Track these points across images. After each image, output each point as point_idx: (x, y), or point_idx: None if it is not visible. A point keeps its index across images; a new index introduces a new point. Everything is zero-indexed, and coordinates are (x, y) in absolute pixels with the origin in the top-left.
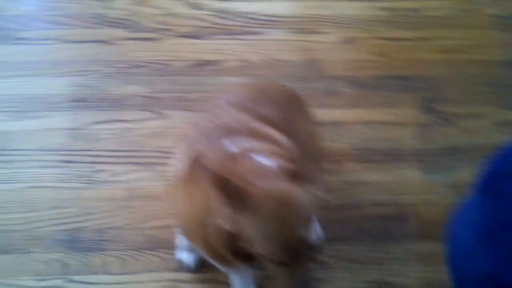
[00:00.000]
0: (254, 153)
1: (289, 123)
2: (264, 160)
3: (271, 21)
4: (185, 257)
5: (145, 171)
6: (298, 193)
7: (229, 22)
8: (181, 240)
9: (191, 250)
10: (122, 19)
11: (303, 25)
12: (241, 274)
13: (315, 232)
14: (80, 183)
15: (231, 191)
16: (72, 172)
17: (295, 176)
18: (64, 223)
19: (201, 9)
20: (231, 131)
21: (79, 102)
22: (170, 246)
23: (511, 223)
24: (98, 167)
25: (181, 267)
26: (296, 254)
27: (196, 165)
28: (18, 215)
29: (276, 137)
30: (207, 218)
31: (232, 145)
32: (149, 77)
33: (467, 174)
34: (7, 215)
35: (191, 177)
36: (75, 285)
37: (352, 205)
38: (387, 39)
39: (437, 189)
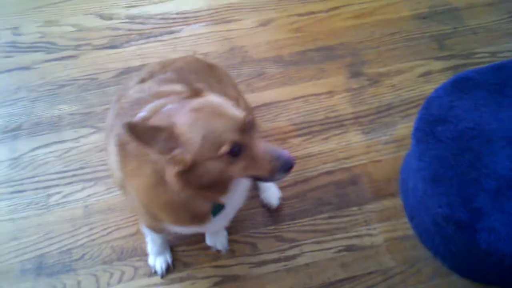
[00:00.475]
0: (162, 107)
1: (196, 81)
2: (170, 106)
3: (184, 18)
4: (157, 261)
5: (95, 186)
6: (208, 95)
7: (144, 26)
8: (149, 245)
9: (160, 253)
10: (37, 42)
11: (217, 16)
12: (212, 228)
13: (275, 194)
14: (34, 210)
15: (144, 128)
16: (23, 201)
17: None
18: (27, 252)
19: (112, 18)
20: (139, 103)
21: (13, 131)
22: (139, 253)
23: (450, 164)
24: (48, 191)
25: (154, 272)
26: (244, 131)
27: (123, 146)
28: None
29: (177, 89)
30: (158, 176)
31: (143, 112)
32: (77, 94)
33: (404, 128)
34: None
35: (126, 158)
36: None
37: (305, 178)
38: (300, 14)
39: (379, 147)
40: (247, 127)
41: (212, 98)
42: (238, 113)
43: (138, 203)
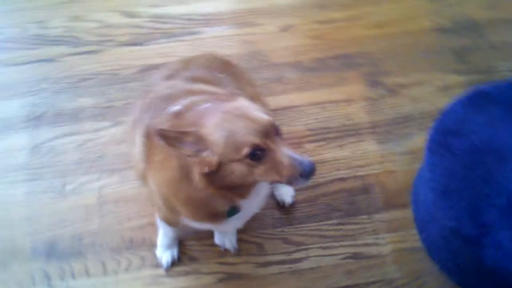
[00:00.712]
0: (195, 105)
1: (221, 80)
2: (205, 105)
3: (207, 20)
4: (164, 254)
5: (111, 177)
6: (239, 99)
7: (167, 26)
8: (160, 237)
9: (169, 246)
10: (62, 36)
11: (239, 20)
12: (226, 228)
13: (289, 191)
14: (50, 196)
15: (173, 134)
16: (41, 187)
17: (232, 95)
18: (40, 235)
19: (137, 17)
20: (169, 98)
21: (35, 120)
22: (147, 245)
23: (461, 176)
24: (64, 179)
25: (160, 263)
26: (267, 135)
27: (150, 138)
28: None
29: (209, 89)
30: (183, 171)
31: (177, 106)
32: (99, 88)
33: (419, 140)
34: None
35: (152, 150)
36: None
37: (317, 183)
38: (321, 22)
39: (394, 158)
40: (270, 131)
41: (242, 102)
42: (263, 117)
43: (158, 195)
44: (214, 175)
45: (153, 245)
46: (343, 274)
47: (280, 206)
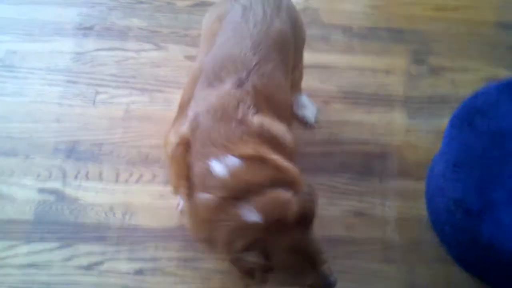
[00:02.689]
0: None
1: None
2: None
3: None
4: None
5: (142, 96)
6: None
7: None
8: None
9: None
10: None
11: None
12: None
13: (312, 111)
14: (82, 101)
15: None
16: (75, 91)
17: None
18: (64, 135)
19: None
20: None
21: (86, 30)
22: (161, 163)
23: (478, 154)
24: (99, 88)
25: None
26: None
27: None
28: (23, 124)
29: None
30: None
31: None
32: (152, 13)
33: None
34: (14, 123)
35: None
36: (71, 189)
37: (337, 141)
38: None
39: (420, 134)
40: None
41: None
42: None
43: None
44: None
45: (165, 165)
46: (343, 227)
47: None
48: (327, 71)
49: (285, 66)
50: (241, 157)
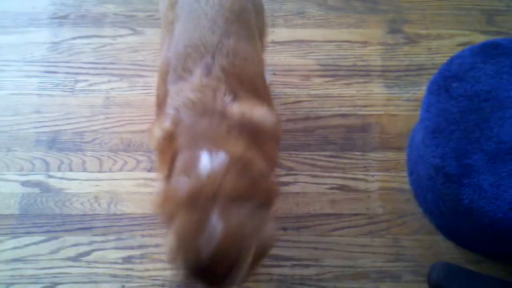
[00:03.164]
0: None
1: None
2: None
3: None
4: None
5: (120, 81)
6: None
7: None
8: None
9: None
10: None
11: None
12: None
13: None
14: (60, 91)
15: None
16: (53, 81)
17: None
18: (45, 126)
19: None
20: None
21: (60, 19)
22: (144, 149)
23: (455, 119)
24: (77, 77)
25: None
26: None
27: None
28: (3, 118)
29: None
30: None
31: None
32: None
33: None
34: None
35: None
36: (55, 180)
37: (318, 116)
38: None
39: (399, 103)
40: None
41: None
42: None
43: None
44: None
45: (149, 151)
46: (328, 203)
47: None
48: (305, 46)
49: (248, 34)
50: (231, 155)
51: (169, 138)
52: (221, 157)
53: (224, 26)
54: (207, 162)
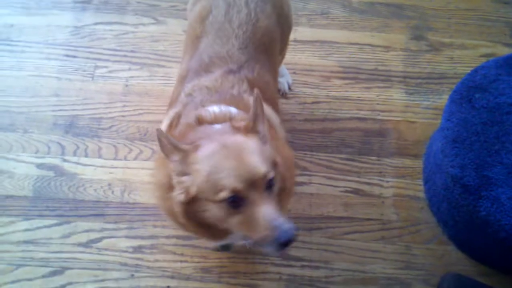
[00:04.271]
0: (216, 122)
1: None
2: (217, 126)
3: None
4: None
5: (141, 70)
6: (243, 138)
7: None
8: None
9: None
10: None
11: None
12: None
13: (287, 81)
14: (81, 76)
15: (167, 140)
16: (73, 65)
17: (247, 129)
18: (63, 110)
19: None
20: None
21: (84, 3)
22: None
23: (476, 130)
24: (97, 63)
25: None
26: (254, 185)
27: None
28: (22, 99)
29: (235, 114)
30: (168, 190)
31: (204, 111)
32: None
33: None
34: (12, 97)
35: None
36: (70, 165)
37: (336, 118)
38: None
39: (418, 110)
40: (259, 183)
41: (251, 141)
42: (258, 166)
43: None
44: (189, 206)
45: None
46: (341, 206)
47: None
48: (327, 46)
49: (272, 64)
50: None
51: (176, 120)
52: (228, 108)
53: (253, 53)
54: (216, 108)
